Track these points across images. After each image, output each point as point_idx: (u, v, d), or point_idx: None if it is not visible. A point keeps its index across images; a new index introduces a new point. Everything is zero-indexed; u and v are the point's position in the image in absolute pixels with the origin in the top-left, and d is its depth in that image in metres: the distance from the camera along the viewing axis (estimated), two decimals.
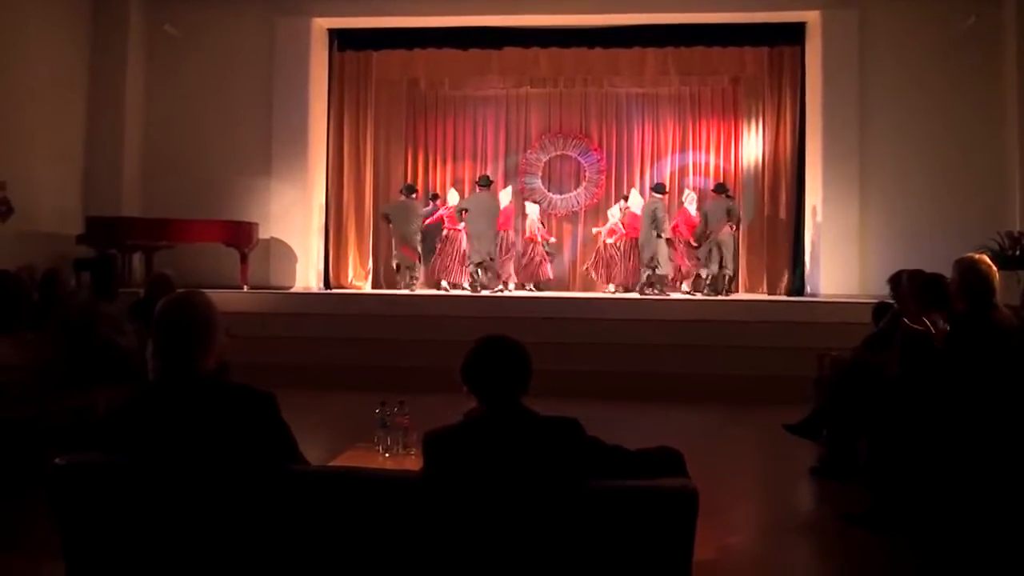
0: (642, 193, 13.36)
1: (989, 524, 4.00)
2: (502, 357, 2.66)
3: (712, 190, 12.69)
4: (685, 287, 12.68)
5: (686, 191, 13.37)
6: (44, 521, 2.77)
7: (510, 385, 2.63)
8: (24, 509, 4.87)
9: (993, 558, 3.93)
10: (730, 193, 12.86)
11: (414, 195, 13.05)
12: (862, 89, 11.99)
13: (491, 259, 12.20)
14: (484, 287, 12.10)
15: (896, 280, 6.39)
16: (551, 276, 13.54)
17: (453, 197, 13.46)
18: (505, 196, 13.17)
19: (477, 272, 12.16)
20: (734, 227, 12.33)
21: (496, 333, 2.75)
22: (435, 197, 13.66)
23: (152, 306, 2.72)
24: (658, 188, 12.58)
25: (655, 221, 11.94)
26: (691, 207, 12.78)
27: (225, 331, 2.70)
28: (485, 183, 12.61)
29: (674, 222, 12.77)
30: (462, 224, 12.79)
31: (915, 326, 5.29)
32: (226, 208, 12.50)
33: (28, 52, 11.38)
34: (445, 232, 13.13)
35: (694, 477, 2.67)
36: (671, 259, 12.35)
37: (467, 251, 12.50)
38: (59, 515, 2.54)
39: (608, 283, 13.00)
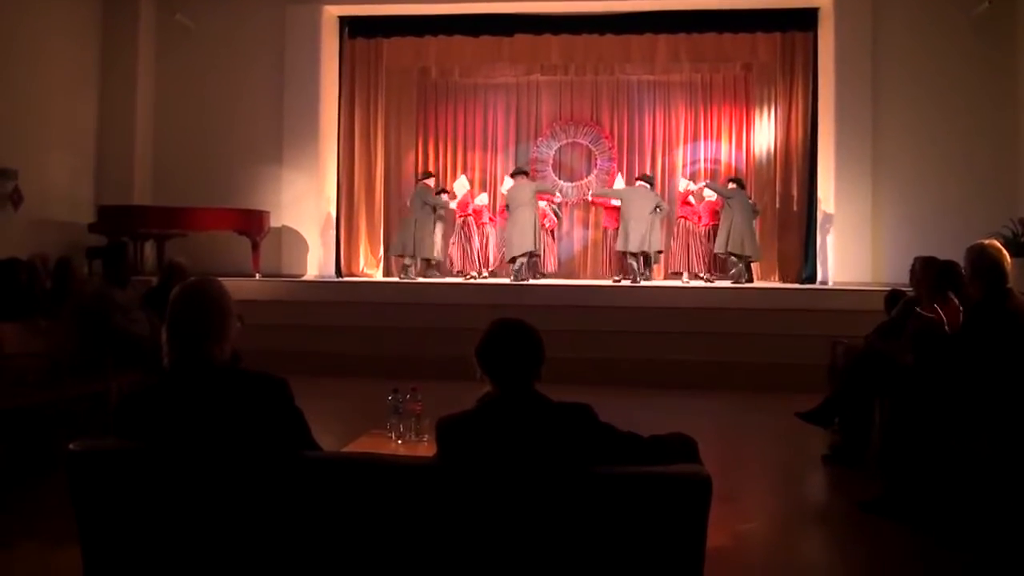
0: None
1: (1002, 511, 3.98)
2: (517, 340, 2.66)
3: (731, 181, 12.60)
4: (704, 276, 12.52)
5: (687, 181, 13.21)
6: (60, 506, 2.78)
7: (524, 368, 2.62)
8: (40, 494, 4.90)
9: (1005, 545, 3.92)
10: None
11: (428, 180, 12.98)
12: (875, 75, 11.91)
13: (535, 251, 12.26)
14: (523, 277, 12.08)
15: (911, 267, 6.39)
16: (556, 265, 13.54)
17: (461, 185, 13.34)
18: (507, 184, 12.98)
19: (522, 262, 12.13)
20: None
21: (509, 317, 2.74)
22: (442, 191, 13.40)
23: (166, 294, 2.73)
24: (645, 178, 12.67)
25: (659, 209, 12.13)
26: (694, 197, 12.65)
27: (238, 318, 2.70)
28: (520, 173, 12.71)
29: (682, 212, 12.73)
30: (486, 217, 12.84)
31: (927, 314, 5.28)
32: (238, 196, 12.53)
33: (40, 42, 11.41)
34: (463, 220, 12.99)
35: (707, 464, 2.67)
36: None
37: (508, 243, 12.23)
38: (75, 500, 2.55)
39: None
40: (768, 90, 13.77)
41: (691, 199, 12.68)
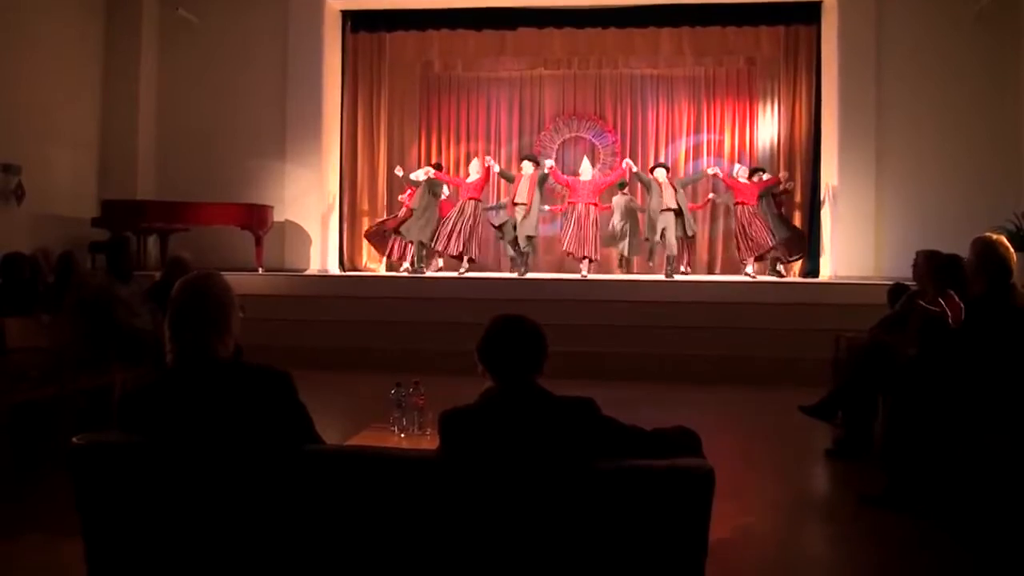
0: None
1: (1005, 504, 3.98)
2: (518, 336, 2.65)
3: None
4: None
5: (737, 165, 12.82)
6: (64, 500, 2.79)
7: (526, 364, 2.62)
8: (44, 488, 4.91)
9: (1010, 537, 3.92)
10: None
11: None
12: (878, 69, 11.89)
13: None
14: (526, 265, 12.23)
15: (914, 261, 6.38)
16: None
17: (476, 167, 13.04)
18: (474, 169, 12.64)
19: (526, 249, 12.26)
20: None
21: (511, 313, 2.73)
22: (439, 167, 13.13)
23: (169, 288, 2.72)
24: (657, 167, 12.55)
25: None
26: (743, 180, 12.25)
27: (240, 307, 2.70)
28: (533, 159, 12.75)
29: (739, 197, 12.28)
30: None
31: (931, 307, 5.27)
32: (241, 191, 12.53)
33: (43, 37, 11.41)
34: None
35: (710, 458, 2.66)
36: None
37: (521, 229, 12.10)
38: (78, 494, 2.56)
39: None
40: (771, 84, 13.75)
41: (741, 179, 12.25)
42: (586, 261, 12.06)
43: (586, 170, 12.48)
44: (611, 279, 11.95)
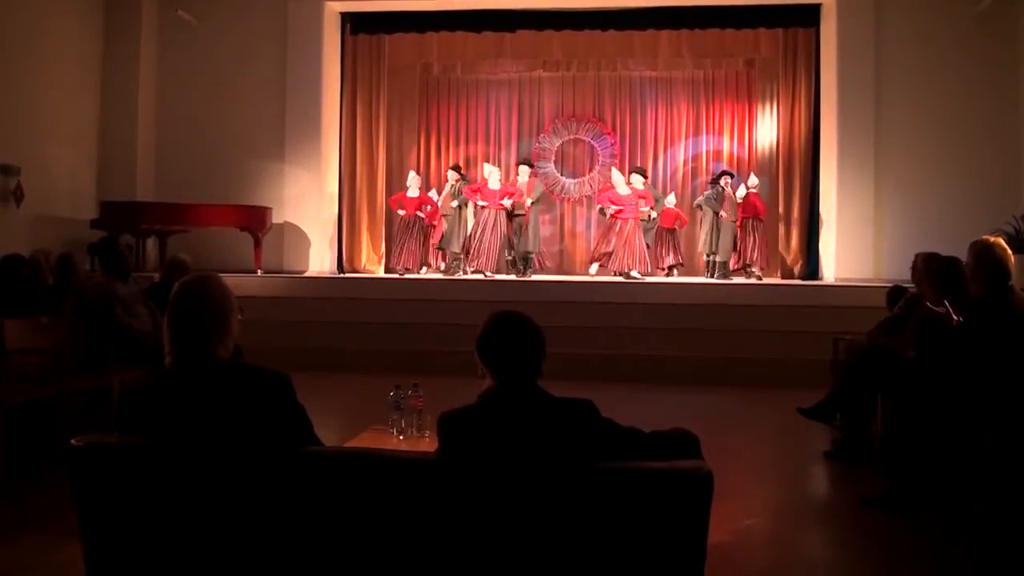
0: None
1: (1005, 504, 3.98)
2: (516, 332, 2.65)
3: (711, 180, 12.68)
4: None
5: (751, 176, 12.88)
6: (62, 502, 2.79)
7: (525, 362, 2.61)
8: (43, 490, 4.91)
9: (1009, 538, 3.92)
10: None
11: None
12: (877, 71, 11.89)
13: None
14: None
15: (913, 263, 6.38)
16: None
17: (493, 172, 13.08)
18: (494, 176, 12.64)
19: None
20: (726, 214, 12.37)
21: (509, 310, 2.73)
22: (458, 168, 13.26)
23: (168, 290, 2.72)
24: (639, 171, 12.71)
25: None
26: (755, 190, 12.47)
27: (238, 309, 2.70)
28: (528, 163, 12.89)
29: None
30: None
31: (932, 309, 5.28)
32: (240, 193, 12.53)
33: (42, 38, 11.41)
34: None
35: (709, 460, 2.66)
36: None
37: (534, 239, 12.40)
38: (77, 496, 2.56)
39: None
40: (770, 86, 13.76)
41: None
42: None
43: (619, 182, 12.38)
44: (612, 282, 11.95)
